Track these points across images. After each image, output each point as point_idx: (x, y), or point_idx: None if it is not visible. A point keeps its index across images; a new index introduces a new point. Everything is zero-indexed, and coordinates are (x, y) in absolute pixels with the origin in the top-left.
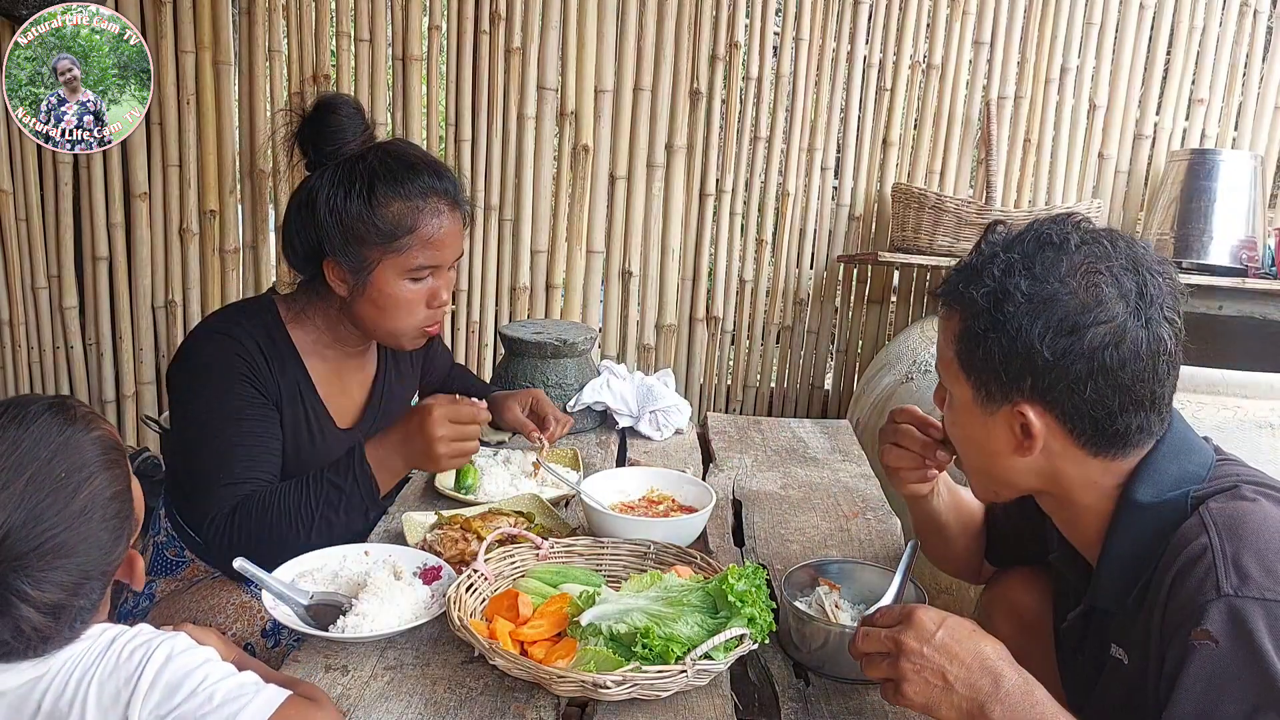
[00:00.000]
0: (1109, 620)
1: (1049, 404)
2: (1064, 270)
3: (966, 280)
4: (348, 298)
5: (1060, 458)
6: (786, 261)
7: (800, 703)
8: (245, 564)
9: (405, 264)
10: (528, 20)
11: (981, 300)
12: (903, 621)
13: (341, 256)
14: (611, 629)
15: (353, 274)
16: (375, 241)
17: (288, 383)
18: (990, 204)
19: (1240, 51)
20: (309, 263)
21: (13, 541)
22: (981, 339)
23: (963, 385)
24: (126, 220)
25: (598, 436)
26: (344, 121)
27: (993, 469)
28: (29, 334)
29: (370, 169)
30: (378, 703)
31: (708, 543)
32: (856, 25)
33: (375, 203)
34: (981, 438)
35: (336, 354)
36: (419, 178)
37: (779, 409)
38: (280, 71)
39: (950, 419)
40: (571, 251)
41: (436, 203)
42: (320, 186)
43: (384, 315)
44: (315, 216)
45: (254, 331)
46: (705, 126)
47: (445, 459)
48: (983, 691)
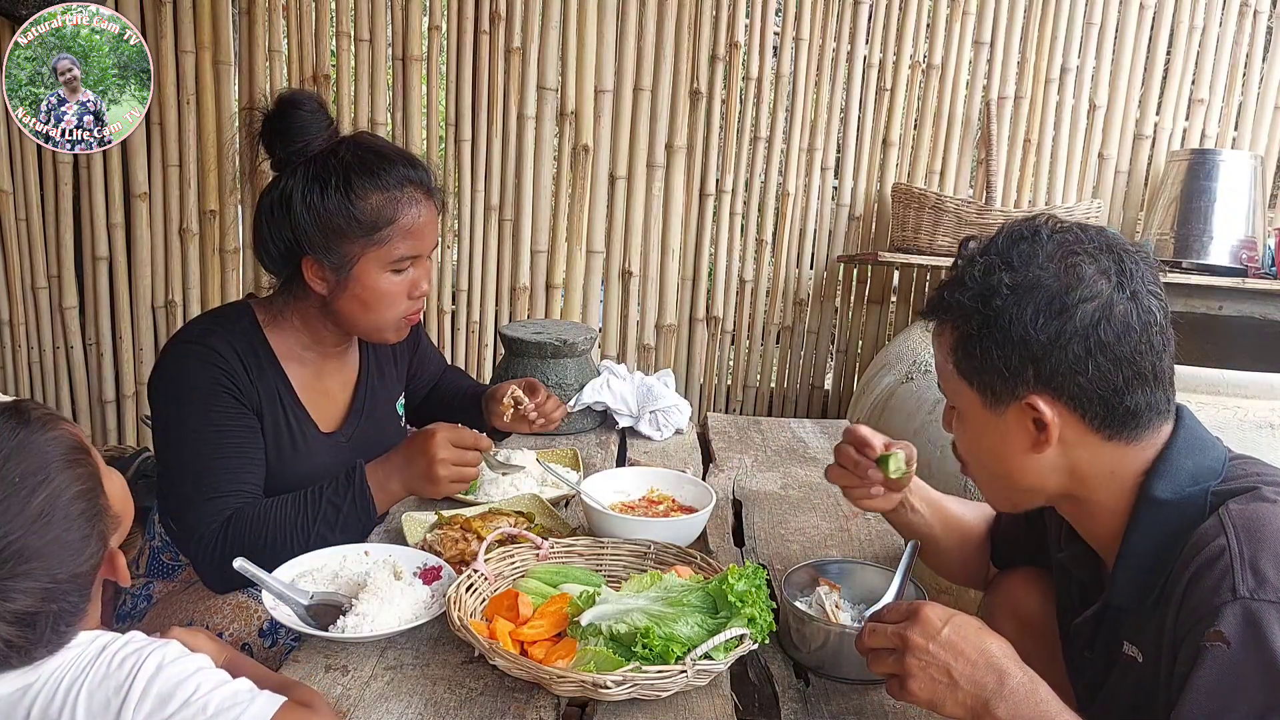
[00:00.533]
0: (1122, 618)
1: (1055, 390)
2: (1041, 258)
3: (951, 290)
4: (328, 295)
5: (1076, 447)
6: (786, 261)
7: (800, 703)
8: (245, 564)
9: (387, 256)
10: (528, 20)
11: (969, 302)
12: (909, 618)
13: (321, 254)
14: (611, 629)
15: (333, 271)
16: (356, 235)
17: (267, 389)
18: (990, 204)
19: (1240, 51)
20: (285, 263)
21: None
22: (977, 340)
23: (967, 392)
24: (126, 220)
25: (598, 436)
26: (308, 118)
27: (1010, 474)
28: (29, 334)
29: (344, 163)
30: (378, 703)
31: (708, 543)
32: (856, 25)
33: (354, 196)
34: (995, 442)
35: (316, 356)
36: (394, 168)
37: (779, 409)
38: (280, 71)
39: (962, 433)
40: (571, 251)
41: (413, 192)
42: (294, 185)
43: (367, 310)
44: (291, 215)
45: (230, 339)
46: (705, 126)
47: (445, 482)
48: (987, 689)
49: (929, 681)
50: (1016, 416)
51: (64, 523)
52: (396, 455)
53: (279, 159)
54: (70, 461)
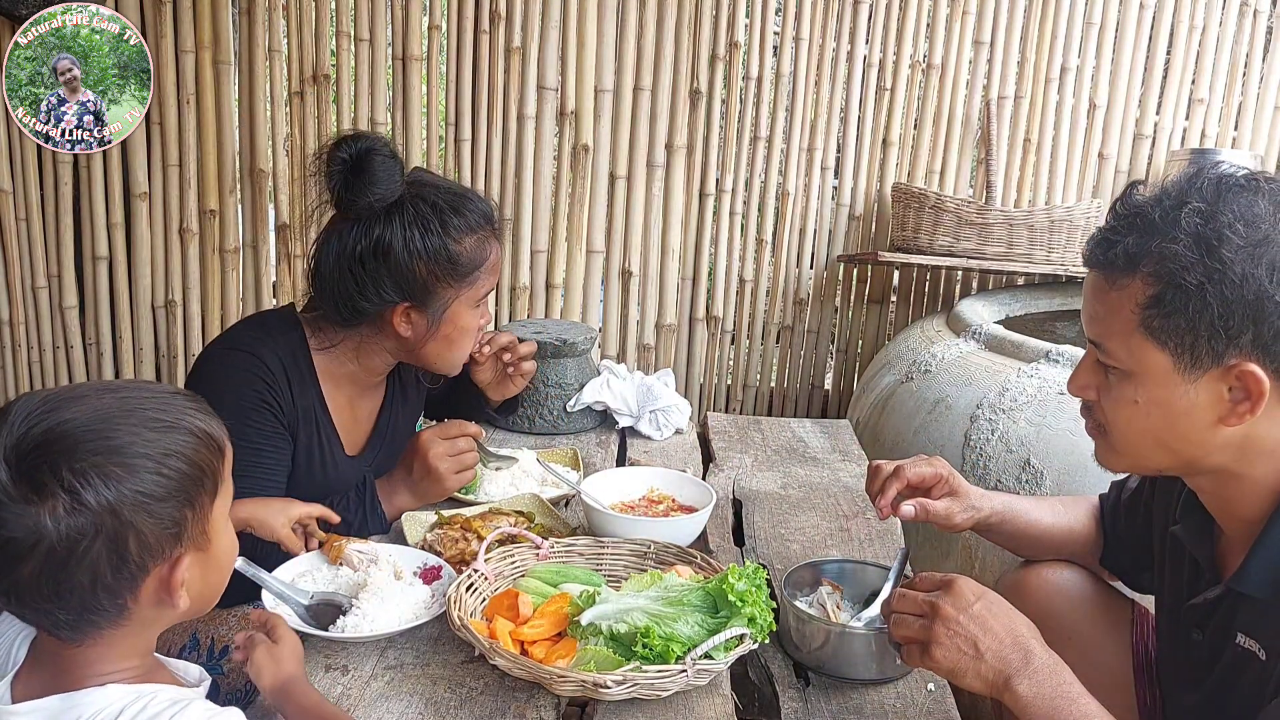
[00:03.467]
0: (1240, 606)
1: (1270, 356)
2: (1264, 209)
3: (1147, 237)
4: (412, 338)
5: (1264, 420)
6: (786, 261)
7: (800, 703)
8: (245, 564)
9: (475, 295)
10: (528, 20)
11: (1186, 252)
12: (942, 588)
13: (421, 302)
14: (612, 629)
15: (428, 316)
16: (453, 280)
17: (305, 408)
18: (990, 204)
19: (1240, 51)
20: (374, 311)
21: (70, 429)
22: (1194, 294)
23: (1154, 355)
24: (126, 220)
25: (598, 436)
26: (389, 164)
27: (1174, 443)
28: (29, 334)
29: (436, 207)
30: (378, 703)
31: (708, 542)
32: (856, 25)
33: (451, 239)
34: (1174, 411)
35: (356, 384)
36: (473, 206)
37: (779, 409)
38: (280, 71)
39: (1121, 398)
40: (571, 251)
41: (489, 228)
42: (393, 233)
43: (452, 348)
44: (389, 264)
45: (279, 350)
46: (705, 126)
47: (449, 475)
48: (1012, 665)
49: (954, 651)
50: (1213, 383)
51: (158, 469)
52: (398, 470)
53: (350, 203)
54: (201, 445)
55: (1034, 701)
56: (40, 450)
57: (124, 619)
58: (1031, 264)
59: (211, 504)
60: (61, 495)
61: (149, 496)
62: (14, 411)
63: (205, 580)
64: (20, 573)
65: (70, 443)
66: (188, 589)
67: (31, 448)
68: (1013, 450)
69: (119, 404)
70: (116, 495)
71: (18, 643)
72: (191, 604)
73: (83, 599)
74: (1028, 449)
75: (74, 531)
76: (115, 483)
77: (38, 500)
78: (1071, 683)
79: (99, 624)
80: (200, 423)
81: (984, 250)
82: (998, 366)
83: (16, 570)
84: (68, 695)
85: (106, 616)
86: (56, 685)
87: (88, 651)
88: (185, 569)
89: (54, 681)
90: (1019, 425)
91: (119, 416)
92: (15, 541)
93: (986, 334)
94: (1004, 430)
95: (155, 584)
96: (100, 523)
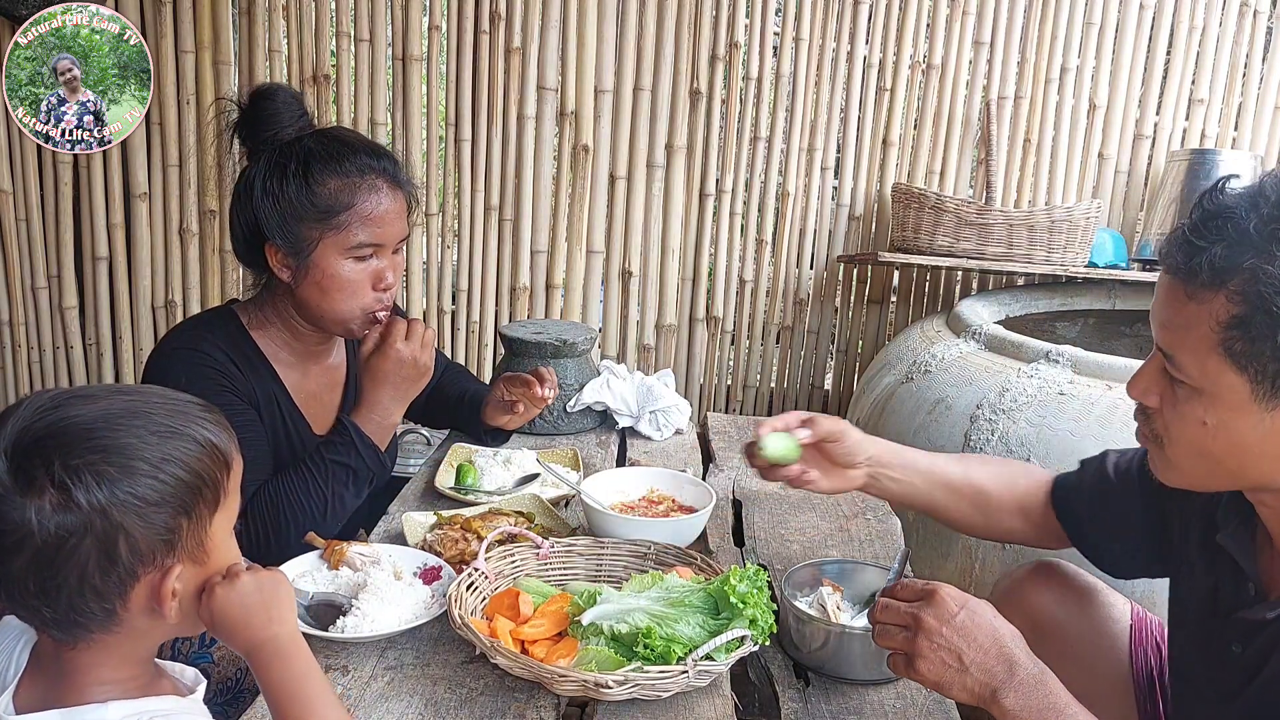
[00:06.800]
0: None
1: None
2: None
3: (1238, 249)
4: (291, 282)
5: None
6: (786, 261)
7: (800, 703)
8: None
9: (345, 242)
10: (528, 20)
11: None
12: (924, 598)
13: (280, 238)
14: (613, 629)
15: (293, 255)
16: (313, 219)
17: (264, 391)
18: (990, 204)
19: (1240, 51)
20: (250, 250)
21: (71, 426)
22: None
23: (1231, 378)
24: (126, 220)
25: (598, 436)
26: (280, 108)
27: (1241, 468)
28: (29, 334)
29: (306, 150)
30: (378, 703)
31: (708, 543)
32: (856, 25)
33: (311, 180)
34: (1249, 439)
35: (300, 357)
36: (356, 156)
37: (779, 409)
38: (280, 71)
39: (1188, 416)
40: (571, 251)
41: (374, 180)
42: (257, 171)
43: (327, 298)
44: (252, 200)
45: (220, 343)
46: (705, 126)
47: (421, 360)
48: (997, 677)
49: (938, 664)
50: None
51: (153, 475)
52: (366, 391)
53: (250, 149)
54: (205, 454)
55: (1020, 715)
56: (39, 445)
57: (114, 625)
58: (1031, 264)
59: (212, 516)
60: (51, 491)
61: (142, 500)
62: (24, 405)
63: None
64: (12, 566)
65: (69, 440)
66: (180, 602)
67: (31, 442)
68: (1013, 451)
69: (128, 406)
70: (108, 496)
71: (19, 650)
72: (183, 619)
73: (70, 599)
74: (1028, 449)
75: (62, 529)
76: (109, 483)
77: (29, 494)
78: (1058, 693)
79: (88, 627)
80: (209, 433)
81: (984, 250)
82: (998, 367)
83: (9, 563)
84: (68, 711)
85: (96, 620)
86: (56, 693)
87: (83, 656)
88: (177, 579)
89: (54, 689)
90: (1019, 426)
91: (124, 418)
92: (6, 534)
93: (986, 334)
94: (1004, 431)
95: (146, 592)
96: (89, 522)
